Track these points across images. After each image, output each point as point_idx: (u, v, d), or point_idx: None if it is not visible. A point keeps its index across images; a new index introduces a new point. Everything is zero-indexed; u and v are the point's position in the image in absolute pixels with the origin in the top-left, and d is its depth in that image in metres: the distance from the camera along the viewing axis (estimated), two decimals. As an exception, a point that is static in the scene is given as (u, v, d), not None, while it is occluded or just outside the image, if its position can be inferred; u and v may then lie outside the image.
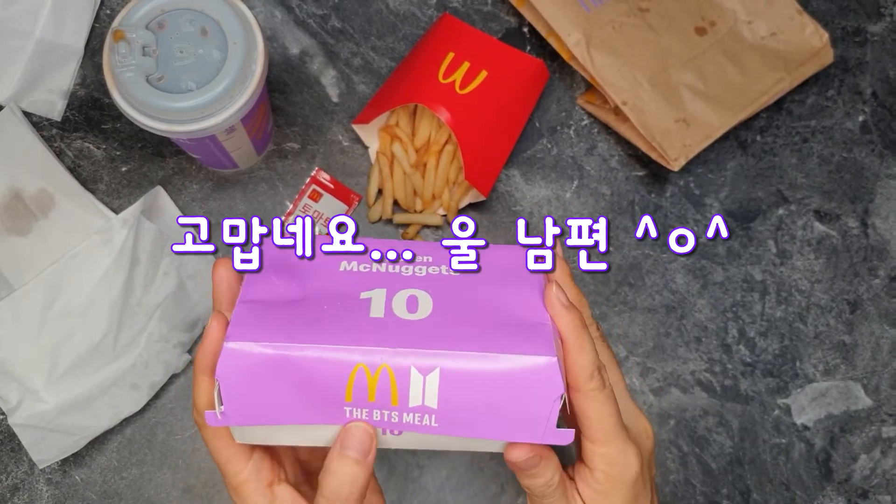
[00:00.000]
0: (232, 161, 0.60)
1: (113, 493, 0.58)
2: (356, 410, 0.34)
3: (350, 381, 0.33)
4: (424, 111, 0.60)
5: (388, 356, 0.33)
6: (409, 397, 0.33)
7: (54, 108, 0.62)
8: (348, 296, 0.36)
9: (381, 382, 0.33)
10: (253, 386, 0.33)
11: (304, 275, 0.37)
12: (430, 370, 0.33)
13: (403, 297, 0.36)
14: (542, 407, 0.34)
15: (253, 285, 0.36)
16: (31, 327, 0.55)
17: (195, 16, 0.49)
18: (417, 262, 0.38)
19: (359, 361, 0.33)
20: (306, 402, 0.34)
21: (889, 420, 0.63)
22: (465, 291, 0.37)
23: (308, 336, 0.33)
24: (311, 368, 0.33)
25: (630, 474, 0.37)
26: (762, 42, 0.64)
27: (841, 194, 0.66)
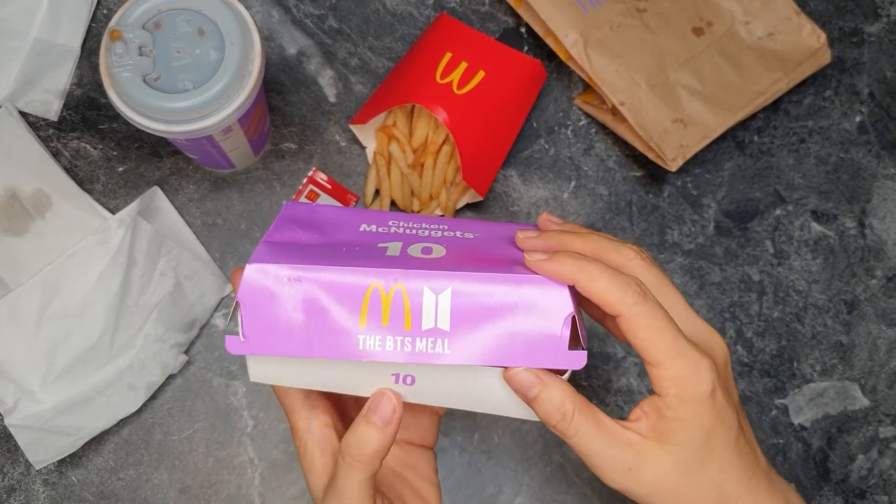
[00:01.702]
0: (229, 161, 0.59)
1: (110, 493, 0.58)
2: (370, 339, 0.34)
3: (365, 302, 0.34)
4: (422, 111, 0.60)
5: (401, 276, 0.34)
6: (422, 319, 0.34)
7: (51, 108, 0.62)
8: (367, 244, 0.38)
9: (395, 302, 0.34)
10: (271, 310, 0.34)
11: (325, 229, 0.39)
12: (442, 290, 0.34)
13: (418, 246, 0.37)
14: (553, 329, 0.34)
15: (277, 231, 0.38)
16: (27, 328, 0.55)
17: (192, 16, 0.49)
18: (434, 228, 0.40)
19: (374, 281, 0.34)
20: (321, 329, 0.34)
21: (886, 420, 0.63)
22: (478, 246, 0.38)
23: (326, 262, 0.34)
24: (328, 289, 0.34)
25: (704, 388, 0.33)
26: (759, 42, 0.64)
27: (838, 195, 0.66)
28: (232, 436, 0.59)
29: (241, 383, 0.60)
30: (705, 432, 0.34)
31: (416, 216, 0.41)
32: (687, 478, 0.34)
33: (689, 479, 0.34)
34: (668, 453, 0.34)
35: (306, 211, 0.41)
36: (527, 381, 0.34)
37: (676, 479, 0.34)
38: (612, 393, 0.62)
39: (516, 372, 0.34)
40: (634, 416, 0.35)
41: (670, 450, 0.34)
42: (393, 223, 0.40)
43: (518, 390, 0.34)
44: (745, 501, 0.35)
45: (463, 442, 0.60)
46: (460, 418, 0.61)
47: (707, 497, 0.34)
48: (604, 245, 0.37)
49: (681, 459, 0.34)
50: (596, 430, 0.34)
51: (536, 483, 0.60)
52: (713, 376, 0.34)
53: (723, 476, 0.34)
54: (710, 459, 0.34)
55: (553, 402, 0.34)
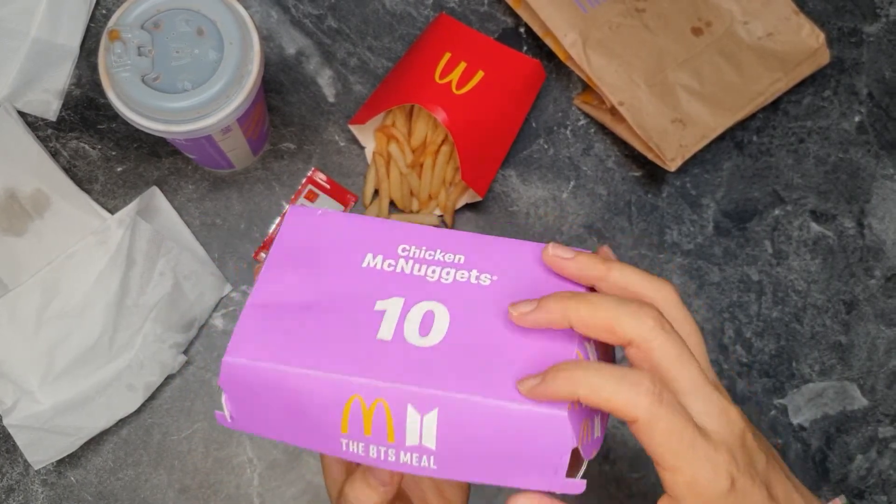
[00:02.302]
0: (228, 161, 0.59)
1: (108, 493, 0.58)
2: (352, 444, 0.32)
3: (345, 412, 0.32)
4: (421, 111, 0.60)
5: (384, 390, 0.31)
6: (405, 435, 0.32)
7: (50, 108, 0.62)
8: (362, 302, 0.34)
9: (377, 417, 0.32)
10: (253, 400, 0.33)
11: (324, 268, 0.36)
12: (428, 410, 0.31)
13: (419, 312, 0.34)
14: (550, 460, 0.31)
15: (267, 281, 0.35)
16: (26, 328, 0.55)
17: (191, 16, 0.49)
18: (447, 264, 0.36)
19: (355, 392, 0.31)
20: (304, 426, 0.33)
21: (885, 420, 0.63)
22: (488, 312, 0.34)
23: (308, 357, 0.32)
24: (307, 392, 0.32)
25: (721, 486, 0.31)
26: (759, 42, 0.64)
27: (837, 195, 0.66)
28: (231, 436, 0.59)
29: (241, 383, 0.60)
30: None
31: (432, 234, 0.37)
32: None
33: None
34: None
35: (309, 226, 0.37)
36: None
37: None
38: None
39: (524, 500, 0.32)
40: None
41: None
42: (403, 251, 0.36)
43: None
44: None
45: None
46: (459, 418, 0.61)
47: None
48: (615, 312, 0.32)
49: None
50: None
51: (535, 483, 0.60)
52: (732, 469, 0.32)
53: None
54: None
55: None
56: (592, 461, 0.61)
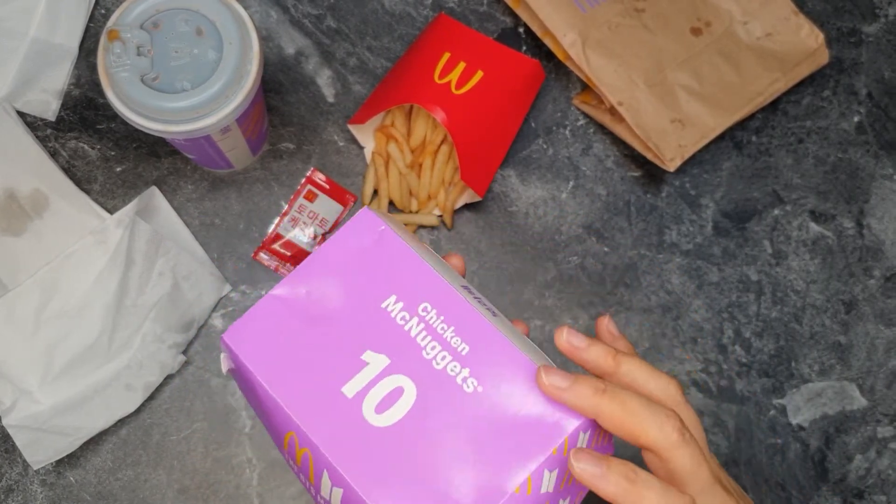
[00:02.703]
0: (227, 161, 0.59)
1: (108, 494, 0.58)
2: (290, 462, 0.37)
3: (286, 439, 0.35)
4: (420, 111, 0.60)
5: (313, 446, 0.34)
6: (321, 488, 0.34)
7: (49, 108, 0.61)
8: (356, 345, 0.36)
9: (303, 460, 0.34)
10: (238, 373, 0.38)
11: (349, 290, 0.37)
12: (335, 486, 0.33)
13: (392, 384, 0.34)
14: None
15: (298, 278, 0.37)
16: (25, 328, 0.55)
17: (190, 15, 0.49)
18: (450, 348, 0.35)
19: (293, 430, 0.35)
20: (264, 421, 0.37)
21: (884, 420, 0.63)
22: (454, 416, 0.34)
23: (280, 375, 0.35)
24: (265, 404, 0.36)
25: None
26: (758, 42, 0.64)
27: (836, 195, 0.66)
28: (230, 436, 0.59)
29: (240, 383, 0.60)
30: None
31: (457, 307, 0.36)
32: None
33: None
34: None
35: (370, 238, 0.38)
36: None
37: None
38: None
39: None
40: None
41: None
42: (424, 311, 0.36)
43: None
44: None
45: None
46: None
47: None
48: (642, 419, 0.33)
49: None
50: None
51: (535, 483, 0.60)
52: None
53: None
54: None
55: None
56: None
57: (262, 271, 0.62)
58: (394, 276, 0.37)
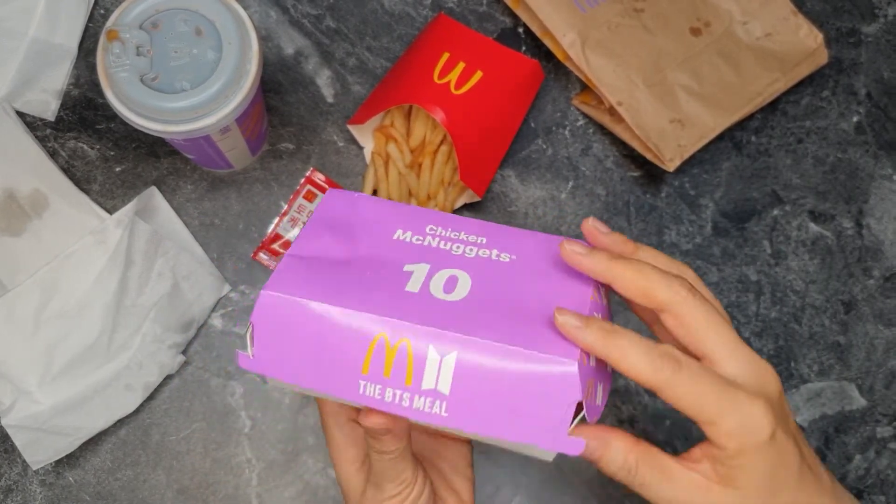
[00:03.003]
0: (226, 161, 0.59)
1: (107, 494, 0.58)
2: (370, 386, 0.34)
3: (370, 351, 0.34)
4: (419, 111, 0.60)
5: (409, 331, 0.33)
6: (423, 378, 0.33)
7: (48, 108, 0.61)
8: (392, 265, 0.37)
9: (399, 357, 0.33)
10: (282, 338, 0.35)
11: (357, 236, 0.39)
12: (447, 353, 0.33)
13: (444, 276, 0.36)
14: (555, 412, 0.33)
15: (306, 239, 0.38)
16: (25, 328, 0.55)
17: (190, 15, 0.49)
18: (470, 243, 0.39)
19: (381, 331, 0.34)
20: (326, 366, 0.34)
21: (883, 420, 0.63)
22: (507, 280, 0.37)
23: (342, 296, 0.34)
24: (336, 328, 0.34)
25: (762, 435, 0.32)
26: (757, 43, 0.64)
27: (835, 195, 0.66)
28: (229, 436, 0.59)
29: (239, 384, 0.60)
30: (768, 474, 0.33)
31: (457, 220, 0.40)
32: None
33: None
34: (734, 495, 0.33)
35: (345, 204, 0.40)
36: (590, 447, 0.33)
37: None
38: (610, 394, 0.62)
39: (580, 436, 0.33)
40: (695, 457, 0.34)
41: (735, 493, 0.33)
42: (430, 230, 0.39)
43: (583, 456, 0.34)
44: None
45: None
46: (458, 418, 0.61)
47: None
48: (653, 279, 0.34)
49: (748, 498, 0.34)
50: (661, 478, 0.34)
51: (534, 483, 0.60)
52: (770, 419, 0.33)
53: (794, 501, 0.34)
54: (774, 496, 0.34)
55: (616, 462, 0.34)
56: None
57: (262, 271, 0.62)
58: (389, 217, 0.40)
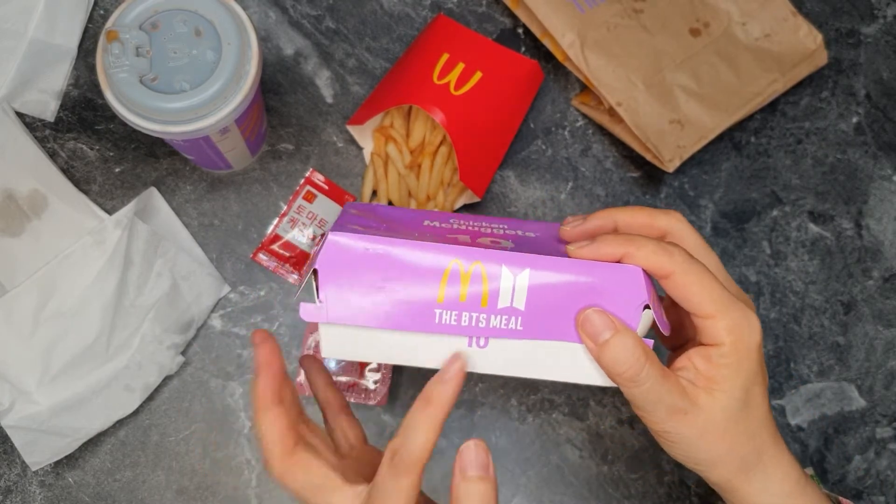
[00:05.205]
0: (226, 162, 0.59)
1: (106, 495, 0.58)
2: (446, 314, 0.35)
3: (444, 279, 0.35)
4: (419, 112, 0.60)
5: (481, 255, 0.35)
6: (498, 298, 0.35)
7: (47, 108, 0.61)
8: (436, 234, 0.38)
9: (474, 280, 0.35)
10: (351, 281, 0.35)
11: (390, 221, 0.39)
12: (520, 271, 0.35)
13: (486, 240, 0.38)
14: (628, 314, 0.35)
15: (344, 218, 0.38)
16: (23, 328, 0.55)
17: (189, 16, 0.49)
18: (493, 227, 0.41)
19: (454, 258, 0.35)
20: (399, 302, 0.35)
21: (883, 421, 0.63)
22: (541, 242, 0.39)
23: (406, 239, 0.35)
24: (408, 262, 0.35)
25: (756, 337, 0.36)
26: (756, 43, 0.64)
27: (835, 195, 0.66)
28: (229, 437, 0.59)
29: (238, 384, 0.60)
30: (749, 381, 0.36)
31: (474, 216, 0.42)
32: (732, 423, 0.36)
33: (734, 424, 0.36)
34: (717, 399, 0.36)
35: (366, 209, 0.41)
36: (601, 323, 0.35)
37: (724, 424, 0.36)
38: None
39: (590, 313, 0.35)
40: (681, 364, 0.37)
41: (718, 396, 0.36)
42: (455, 221, 0.41)
43: (590, 333, 0.35)
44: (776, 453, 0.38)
45: (460, 443, 0.60)
46: (457, 419, 0.61)
47: (745, 444, 0.37)
48: (651, 212, 0.39)
49: (728, 405, 0.36)
50: (660, 377, 0.35)
51: (533, 483, 0.60)
52: (759, 327, 0.36)
53: (760, 427, 0.37)
54: (750, 408, 0.36)
55: (627, 348, 0.35)
56: (591, 462, 0.61)
57: (261, 272, 0.62)
58: (412, 215, 0.41)
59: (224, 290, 0.61)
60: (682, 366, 0.37)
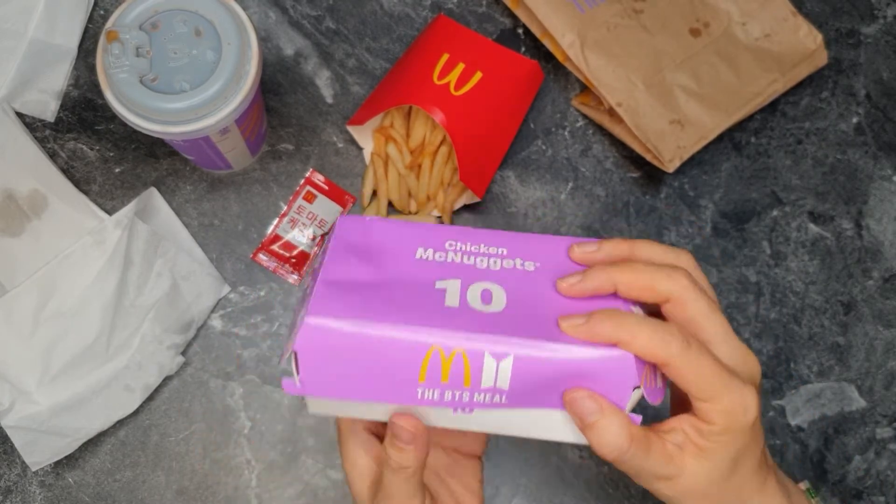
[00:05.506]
0: (226, 162, 0.59)
1: (106, 495, 0.58)
2: (428, 391, 0.34)
3: (424, 363, 0.34)
4: (419, 112, 0.60)
5: (462, 340, 0.34)
6: (481, 379, 0.34)
7: (47, 108, 0.61)
8: (423, 283, 0.37)
9: (455, 366, 0.34)
10: (330, 361, 0.34)
11: (381, 258, 0.38)
12: (503, 356, 0.34)
13: (478, 289, 0.37)
14: (617, 394, 0.34)
15: (333, 263, 0.37)
16: (23, 328, 0.55)
17: (189, 16, 0.49)
18: (492, 255, 0.39)
19: (434, 343, 0.34)
20: (380, 379, 0.34)
21: (883, 421, 0.63)
22: (538, 287, 0.37)
23: (385, 315, 0.34)
24: (387, 347, 0.34)
25: (750, 416, 0.35)
26: (756, 43, 0.64)
27: (835, 196, 0.66)
28: (229, 437, 0.59)
29: (238, 384, 0.60)
30: (740, 454, 0.36)
31: (474, 233, 0.40)
32: (716, 486, 0.36)
33: (718, 487, 0.36)
34: (703, 466, 0.36)
35: (360, 230, 0.40)
36: (588, 407, 0.34)
37: (707, 486, 0.36)
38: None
39: (579, 397, 0.34)
40: (672, 426, 0.36)
41: (705, 464, 0.36)
42: (450, 245, 0.39)
43: (577, 414, 0.35)
44: (761, 499, 0.38)
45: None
46: (457, 419, 0.61)
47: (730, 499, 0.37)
48: (653, 275, 0.36)
49: (714, 471, 0.36)
50: (645, 453, 0.35)
51: (533, 484, 0.60)
52: (757, 406, 0.35)
53: (745, 484, 0.37)
54: (737, 471, 0.36)
55: (612, 432, 0.35)
56: (591, 462, 0.61)
57: (261, 272, 0.62)
58: (407, 238, 0.39)
59: (224, 290, 0.61)
60: (672, 427, 0.36)
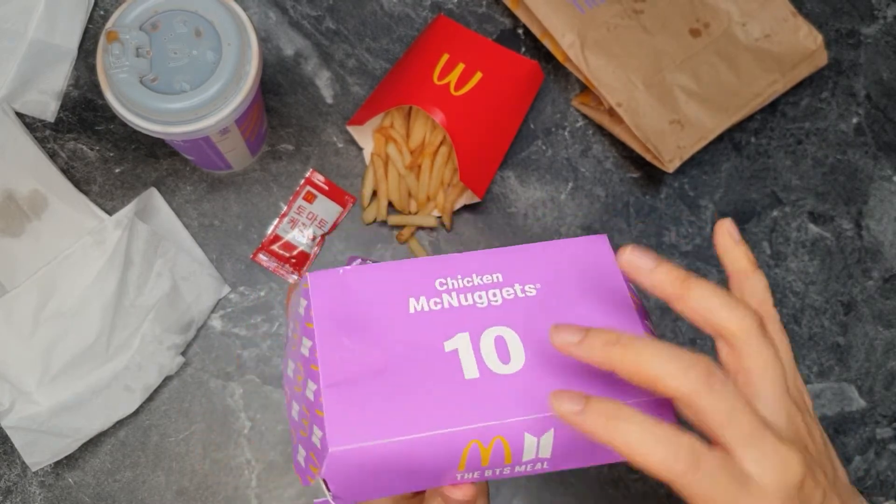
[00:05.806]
0: (226, 162, 0.59)
1: (106, 495, 0.58)
2: (468, 474, 0.33)
3: (463, 456, 0.32)
4: (419, 113, 0.60)
5: (499, 427, 0.32)
6: (522, 454, 0.33)
7: (47, 108, 0.61)
8: (432, 350, 0.34)
9: (495, 450, 0.32)
10: (361, 475, 0.32)
11: (374, 328, 0.34)
12: (543, 432, 0.32)
13: (490, 341, 0.34)
14: None
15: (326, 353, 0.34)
16: (23, 328, 0.55)
17: (189, 17, 0.49)
18: (489, 285, 0.35)
19: (472, 438, 0.32)
20: (416, 474, 0.33)
21: (883, 421, 0.63)
22: (548, 318, 0.35)
23: (414, 421, 0.32)
24: (423, 453, 0.32)
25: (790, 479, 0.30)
26: (756, 44, 0.64)
27: (835, 196, 0.66)
28: (229, 437, 0.59)
29: (238, 384, 0.60)
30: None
31: (461, 260, 0.36)
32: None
33: None
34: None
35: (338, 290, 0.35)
36: None
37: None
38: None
39: None
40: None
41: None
42: (442, 285, 0.35)
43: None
44: None
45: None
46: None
47: None
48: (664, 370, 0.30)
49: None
50: None
51: (534, 485, 0.60)
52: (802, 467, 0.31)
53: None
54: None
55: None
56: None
57: (261, 272, 0.62)
58: (391, 288, 0.35)
59: (224, 290, 0.61)
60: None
